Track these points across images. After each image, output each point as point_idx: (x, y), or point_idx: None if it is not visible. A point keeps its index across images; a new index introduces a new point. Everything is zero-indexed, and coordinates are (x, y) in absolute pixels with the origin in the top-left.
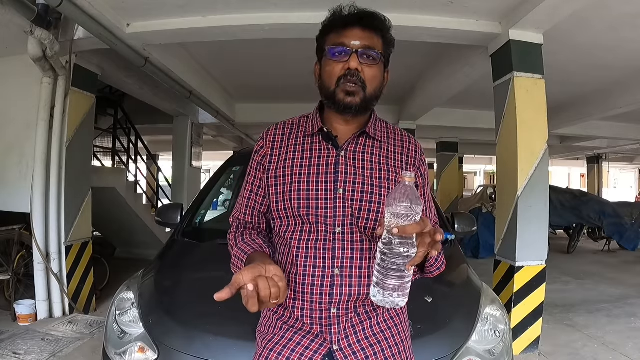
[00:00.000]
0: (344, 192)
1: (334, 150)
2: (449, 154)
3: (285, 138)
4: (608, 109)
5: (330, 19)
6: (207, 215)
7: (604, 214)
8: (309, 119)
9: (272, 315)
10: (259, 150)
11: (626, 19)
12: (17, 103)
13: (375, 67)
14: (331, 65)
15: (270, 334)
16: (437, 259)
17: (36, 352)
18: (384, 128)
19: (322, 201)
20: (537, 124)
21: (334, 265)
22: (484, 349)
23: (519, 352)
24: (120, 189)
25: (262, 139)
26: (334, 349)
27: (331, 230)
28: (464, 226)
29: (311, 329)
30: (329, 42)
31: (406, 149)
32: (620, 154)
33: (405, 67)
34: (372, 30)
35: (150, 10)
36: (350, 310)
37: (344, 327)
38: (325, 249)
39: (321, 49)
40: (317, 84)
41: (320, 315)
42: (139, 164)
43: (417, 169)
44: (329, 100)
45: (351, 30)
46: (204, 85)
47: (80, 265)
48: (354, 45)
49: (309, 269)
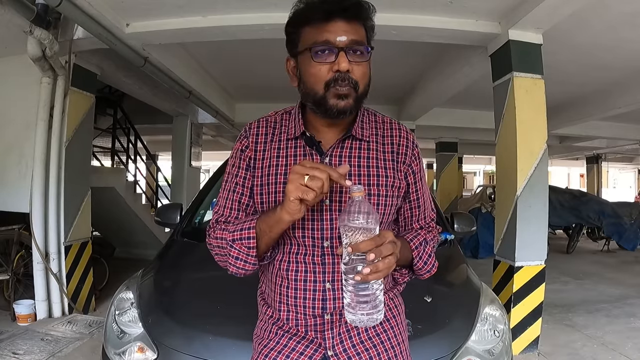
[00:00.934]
0: (331, 203)
1: (317, 156)
2: (449, 154)
3: (268, 140)
4: (607, 109)
5: (304, 7)
6: (206, 215)
7: (603, 214)
8: (291, 117)
9: (267, 319)
10: (244, 149)
11: (626, 18)
12: (17, 103)
13: (364, 64)
14: (315, 67)
15: (265, 339)
16: (427, 262)
17: (35, 352)
18: (372, 122)
19: (308, 213)
20: (537, 124)
21: (325, 279)
22: (483, 349)
23: (518, 352)
24: (120, 189)
25: (245, 137)
26: (328, 355)
27: (319, 244)
28: (463, 226)
29: (306, 334)
30: (309, 38)
31: (396, 145)
32: (619, 154)
33: (404, 67)
34: (357, 20)
35: (149, 10)
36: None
37: (338, 332)
38: (315, 263)
39: (294, 44)
40: (295, 85)
41: (315, 322)
42: (139, 163)
43: (407, 167)
44: (317, 106)
45: (334, 23)
46: (204, 85)
47: (80, 265)
48: (341, 42)
49: (300, 283)
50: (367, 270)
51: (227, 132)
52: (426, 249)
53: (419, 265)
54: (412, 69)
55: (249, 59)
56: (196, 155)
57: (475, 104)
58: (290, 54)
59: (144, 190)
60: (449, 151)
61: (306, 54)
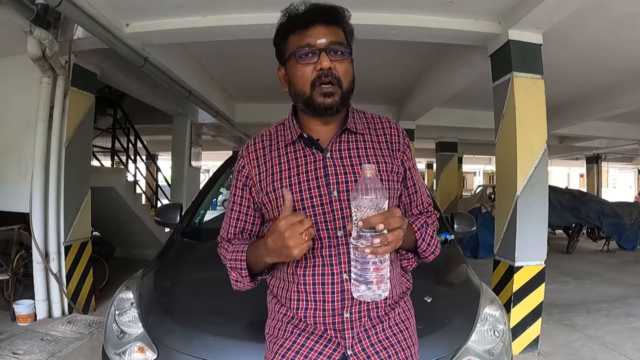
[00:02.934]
0: (339, 194)
1: (318, 153)
2: (448, 153)
3: (266, 152)
4: (607, 109)
5: (286, 19)
6: (206, 215)
7: (603, 214)
8: (286, 126)
9: (281, 317)
10: (241, 170)
11: (625, 19)
12: (16, 103)
13: (346, 62)
14: (301, 69)
15: (281, 338)
16: (430, 243)
17: (35, 352)
18: (362, 119)
19: (319, 207)
20: (537, 124)
21: (342, 270)
22: (483, 349)
23: (518, 352)
24: (120, 189)
25: (241, 157)
26: (348, 354)
27: (333, 234)
28: (463, 226)
29: (324, 333)
30: (293, 44)
31: (389, 135)
32: (619, 154)
33: (404, 67)
34: (335, 24)
35: (149, 10)
36: (363, 313)
37: (357, 332)
38: (331, 255)
39: (282, 53)
40: (286, 90)
41: (334, 320)
42: (138, 163)
43: (402, 154)
44: (306, 105)
45: (314, 28)
46: (204, 85)
47: (80, 265)
48: (321, 44)
49: (317, 277)
50: (377, 240)
51: (227, 132)
52: (428, 231)
53: (423, 247)
54: (411, 69)
55: (248, 59)
56: (196, 155)
57: (475, 104)
58: (280, 63)
59: (143, 190)
60: (449, 151)
61: (292, 58)
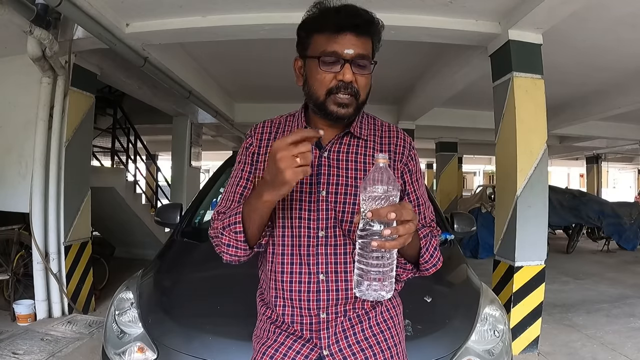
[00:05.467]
0: (327, 195)
1: (317, 151)
2: (448, 154)
3: (271, 137)
4: (607, 109)
5: (318, 15)
6: (206, 215)
7: (603, 214)
8: (295, 118)
9: (266, 320)
10: (249, 147)
11: (625, 19)
12: (16, 103)
13: (367, 76)
14: (321, 74)
15: (264, 338)
16: (433, 255)
17: (35, 352)
18: (370, 125)
19: (305, 204)
20: (537, 123)
21: (318, 270)
22: (483, 349)
23: (518, 352)
24: (120, 189)
25: (250, 136)
26: (323, 354)
27: (314, 234)
28: (463, 226)
29: (302, 334)
30: (318, 46)
31: (394, 145)
32: (619, 154)
33: (404, 67)
34: (366, 36)
35: (149, 10)
36: (339, 314)
37: (333, 332)
38: (309, 254)
39: (304, 47)
40: (300, 84)
41: (310, 321)
42: (138, 163)
43: (404, 165)
44: (318, 108)
45: (344, 36)
46: (204, 85)
47: (80, 265)
48: (348, 55)
49: (294, 276)
50: (388, 232)
51: (227, 132)
52: (432, 241)
53: (426, 257)
54: (411, 69)
55: (249, 59)
56: (196, 155)
57: (475, 104)
58: (300, 55)
59: (143, 190)
60: (449, 151)
61: (314, 60)
